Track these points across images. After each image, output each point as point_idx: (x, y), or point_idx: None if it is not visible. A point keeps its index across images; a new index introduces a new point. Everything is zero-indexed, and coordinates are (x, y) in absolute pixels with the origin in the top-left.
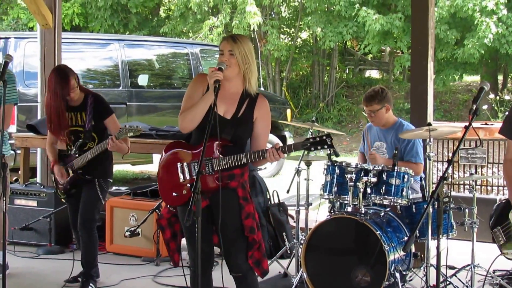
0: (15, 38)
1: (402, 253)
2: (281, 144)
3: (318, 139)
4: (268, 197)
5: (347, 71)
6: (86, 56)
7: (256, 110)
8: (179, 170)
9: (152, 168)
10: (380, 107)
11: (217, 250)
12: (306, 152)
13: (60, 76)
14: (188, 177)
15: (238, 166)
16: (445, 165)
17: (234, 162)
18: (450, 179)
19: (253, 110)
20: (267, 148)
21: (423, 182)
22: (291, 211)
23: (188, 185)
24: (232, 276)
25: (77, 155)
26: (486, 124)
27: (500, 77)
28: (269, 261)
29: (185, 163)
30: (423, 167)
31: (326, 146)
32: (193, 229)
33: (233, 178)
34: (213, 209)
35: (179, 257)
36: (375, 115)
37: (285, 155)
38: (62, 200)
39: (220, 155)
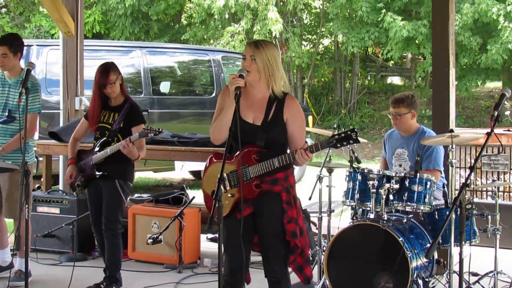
0: (37, 45)
1: (424, 259)
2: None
3: (343, 134)
4: None
5: (369, 78)
6: None
7: (286, 111)
8: None
9: (174, 175)
10: (407, 112)
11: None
12: (328, 159)
13: (102, 68)
14: (228, 187)
15: (280, 169)
16: (468, 171)
17: (267, 168)
18: (472, 186)
19: (282, 111)
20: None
21: (446, 188)
22: (313, 218)
23: (229, 195)
24: (267, 279)
25: (97, 151)
26: (508, 130)
27: None
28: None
29: (225, 174)
30: (444, 173)
31: (351, 141)
32: (229, 237)
33: (276, 182)
34: (256, 215)
35: (247, 274)
36: (400, 118)
37: (313, 154)
38: (74, 194)
39: (256, 162)
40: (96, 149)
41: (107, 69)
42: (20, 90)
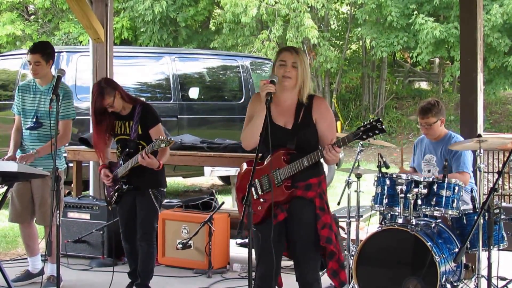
0: (67, 52)
1: (453, 264)
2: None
3: (368, 126)
4: None
5: (396, 83)
6: (137, 69)
7: (314, 111)
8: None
9: (203, 180)
10: (435, 120)
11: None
12: (356, 164)
13: (97, 92)
14: (260, 192)
15: (313, 175)
16: (496, 176)
17: (297, 168)
18: (500, 190)
19: (311, 112)
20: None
21: (474, 193)
22: (342, 223)
23: (262, 200)
24: (298, 283)
25: (121, 164)
26: None
27: None
28: (320, 273)
29: (256, 180)
30: (473, 177)
31: (377, 131)
32: (263, 244)
33: (310, 188)
34: (289, 221)
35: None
36: (431, 127)
37: (342, 149)
38: (109, 208)
39: (286, 164)
40: (121, 162)
41: (101, 93)
42: (51, 97)
